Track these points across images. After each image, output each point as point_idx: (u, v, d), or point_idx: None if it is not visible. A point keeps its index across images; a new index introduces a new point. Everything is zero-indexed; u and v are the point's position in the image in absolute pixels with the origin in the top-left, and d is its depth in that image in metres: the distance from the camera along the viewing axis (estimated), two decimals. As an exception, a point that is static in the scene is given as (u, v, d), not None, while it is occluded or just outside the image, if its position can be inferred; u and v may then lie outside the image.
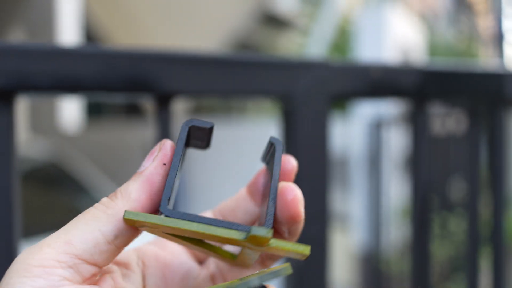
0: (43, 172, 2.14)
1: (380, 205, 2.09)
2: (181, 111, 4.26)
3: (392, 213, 2.23)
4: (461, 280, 1.80)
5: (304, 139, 0.42)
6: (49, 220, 1.84)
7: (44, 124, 4.23)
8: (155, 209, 0.23)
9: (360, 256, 2.26)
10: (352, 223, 2.54)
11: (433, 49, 4.32)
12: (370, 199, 2.13)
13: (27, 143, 2.85)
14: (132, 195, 0.22)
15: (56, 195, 2.14)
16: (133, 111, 5.76)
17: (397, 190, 2.32)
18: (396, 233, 2.22)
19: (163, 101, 0.39)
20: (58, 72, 0.35)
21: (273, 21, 5.67)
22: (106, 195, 0.23)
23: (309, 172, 0.42)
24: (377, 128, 2.17)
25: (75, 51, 0.35)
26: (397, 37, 2.89)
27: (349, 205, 2.71)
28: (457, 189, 1.77)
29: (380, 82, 0.45)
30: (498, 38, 2.96)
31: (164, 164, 0.23)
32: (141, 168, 0.23)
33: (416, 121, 0.48)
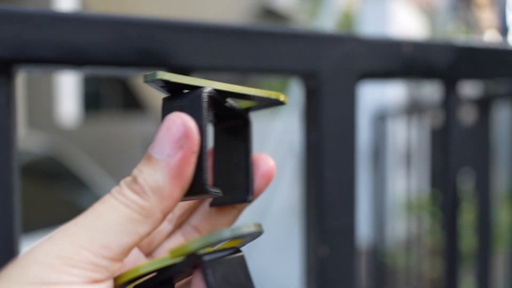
0: (41, 166, 2.10)
1: (384, 199, 2.06)
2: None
3: (396, 207, 2.20)
4: (469, 274, 1.78)
5: (330, 120, 0.39)
6: (46, 214, 1.80)
7: (42, 118, 4.19)
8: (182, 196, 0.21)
9: (364, 250, 2.23)
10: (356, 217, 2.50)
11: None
12: (374, 193, 2.10)
13: (25, 137, 2.80)
14: (165, 192, 0.20)
15: (54, 189, 2.11)
16: (132, 104, 5.71)
17: (401, 184, 2.29)
18: (401, 227, 2.19)
19: (179, 77, 0.35)
20: (63, 42, 0.31)
21: (272, 16, 5.63)
22: (104, 189, 0.21)
23: (336, 158, 0.39)
24: (381, 121, 2.14)
25: (82, 18, 0.31)
26: (399, 31, 2.86)
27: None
28: (464, 182, 1.74)
29: (411, 58, 0.41)
30: (502, 32, 2.92)
31: (194, 152, 0.20)
32: (162, 155, 0.20)
33: (448, 103, 0.45)
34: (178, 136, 0.19)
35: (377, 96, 2.41)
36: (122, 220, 0.19)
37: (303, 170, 0.41)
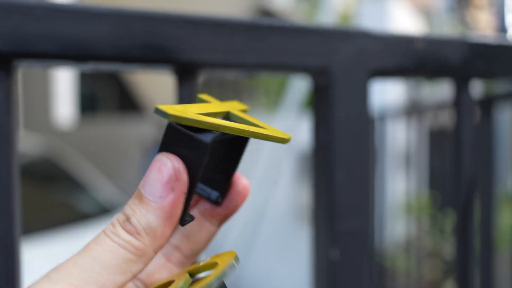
0: (36, 168, 2.08)
1: (383, 201, 2.05)
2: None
3: (395, 208, 2.19)
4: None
5: (342, 119, 0.37)
6: (42, 216, 1.78)
7: (38, 119, 4.16)
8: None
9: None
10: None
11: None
12: (374, 194, 2.09)
13: (21, 138, 2.78)
14: (158, 232, 0.21)
15: (50, 191, 2.08)
16: (128, 106, 5.69)
17: (400, 185, 2.28)
18: (400, 228, 2.18)
19: (186, 74, 0.34)
20: (64, 36, 0.29)
21: (268, 16, 5.62)
22: (101, 192, 0.21)
23: (347, 157, 0.38)
24: (380, 122, 2.13)
25: (86, 10, 0.30)
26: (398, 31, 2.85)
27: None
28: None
29: (423, 55, 0.40)
30: (500, 33, 2.92)
31: (184, 192, 0.21)
32: (154, 197, 0.21)
33: (460, 103, 0.44)
34: (169, 178, 0.20)
35: (376, 97, 2.41)
36: (117, 261, 0.20)
37: (313, 170, 0.40)
